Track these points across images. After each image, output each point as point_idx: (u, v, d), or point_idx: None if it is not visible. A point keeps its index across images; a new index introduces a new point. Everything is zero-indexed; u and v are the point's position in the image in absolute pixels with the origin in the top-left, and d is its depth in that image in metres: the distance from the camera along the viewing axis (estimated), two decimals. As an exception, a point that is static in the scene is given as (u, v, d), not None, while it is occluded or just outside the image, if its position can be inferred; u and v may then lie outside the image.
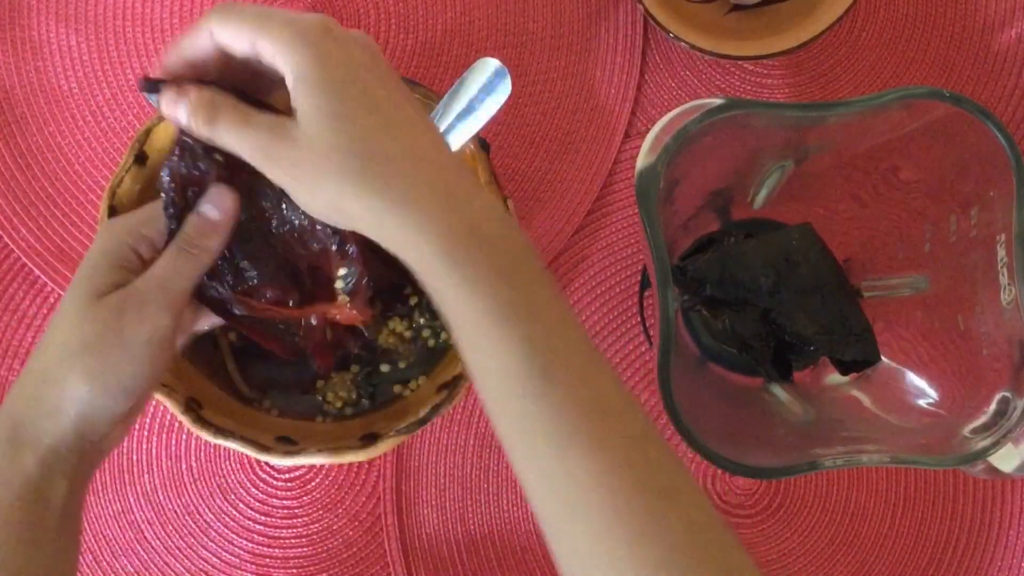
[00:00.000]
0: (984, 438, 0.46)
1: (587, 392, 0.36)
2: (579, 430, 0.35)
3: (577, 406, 0.35)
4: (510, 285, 0.36)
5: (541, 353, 0.35)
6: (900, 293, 0.55)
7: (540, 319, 0.36)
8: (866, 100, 0.46)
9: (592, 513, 0.35)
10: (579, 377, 0.36)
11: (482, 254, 0.36)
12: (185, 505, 0.59)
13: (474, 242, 0.36)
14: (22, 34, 0.60)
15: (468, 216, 0.36)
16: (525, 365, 0.35)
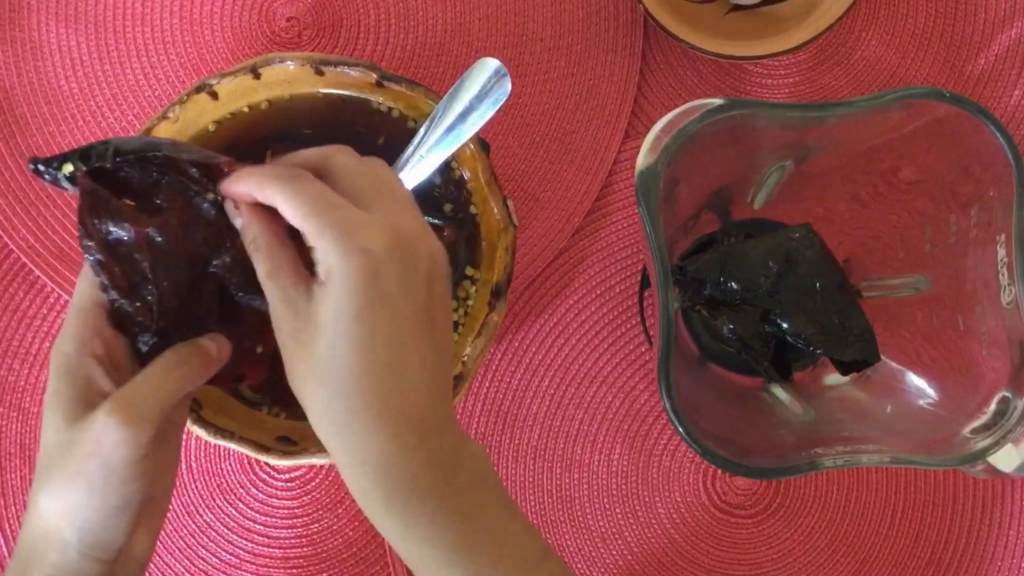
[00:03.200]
0: (984, 438, 0.46)
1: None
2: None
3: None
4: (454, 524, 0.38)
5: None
6: (900, 293, 0.55)
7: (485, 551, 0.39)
8: (866, 100, 0.46)
9: None
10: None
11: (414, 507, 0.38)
12: (185, 505, 0.59)
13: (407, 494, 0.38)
14: (22, 34, 0.60)
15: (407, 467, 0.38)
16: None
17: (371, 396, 0.37)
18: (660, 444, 0.60)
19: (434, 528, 0.38)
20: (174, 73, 0.61)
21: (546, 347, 0.60)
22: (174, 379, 0.40)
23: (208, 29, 0.61)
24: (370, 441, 0.37)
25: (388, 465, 0.37)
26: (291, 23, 0.61)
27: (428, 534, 0.38)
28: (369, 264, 0.36)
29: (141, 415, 0.38)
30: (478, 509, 0.39)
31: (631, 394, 0.60)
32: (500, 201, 0.54)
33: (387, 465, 0.37)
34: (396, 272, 0.37)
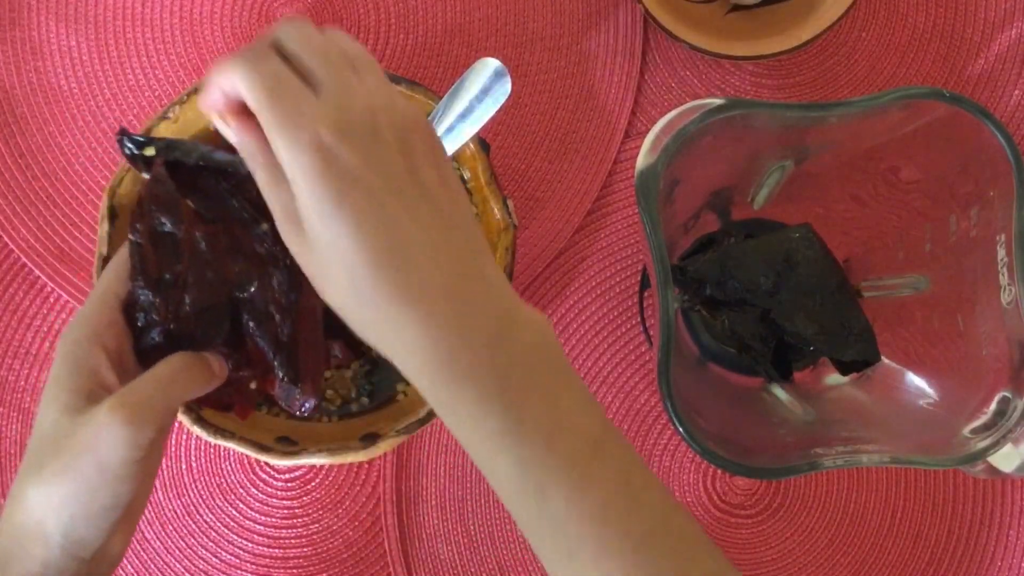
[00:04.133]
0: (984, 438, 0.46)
1: (587, 502, 0.36)
2: (583, 538, 0.36)
3: (577, 517, 0.36)
4: (498, 409, 0.35)
5: (534, 474, 0.35)
6: (900, 293, 0.55)
7: (530, 439, 0.36)
8: (866, 100, 0.46)
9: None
10: (578, 487, 0.36)
11: (464, 385, 0.35)
12: (185, 505, 0.59)
13: (456, 374, 0.35)
14: (22, 34, 0.60)
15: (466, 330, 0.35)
16: (520, 486, 0.36)
17: (383, 285, 0.35)
18: (660, 444, 0.60)
19: (479, 413, 0.35)
20: (174, 73, 0.61)
21: (546, 347, 0.60)
22: (179, 384, 0.39)
23: (208, 29, 0.61)
24: (400, 331, 0.35)
25: (423, 351, 0.35)
26: (291, 23, 0.61)
27: (474, 420, 0.36)
28: (321, 156, 0.34)
29: (144, 416, 0.37)
30: (524, 393, 0.36)
31: (631, 394, 0.60)
32: (500, 201, 0.54)
33: (423, 351, 0.35)
34: (355, 152, 0.34)
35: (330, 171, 0.34)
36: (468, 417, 0.36)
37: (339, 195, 0.34)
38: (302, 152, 0.34)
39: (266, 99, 0.35)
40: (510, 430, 0.35)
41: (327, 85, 0.36)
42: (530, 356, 0.36)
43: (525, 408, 0.36)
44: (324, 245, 0.35)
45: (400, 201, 0.35)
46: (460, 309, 0.35)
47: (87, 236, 0.59)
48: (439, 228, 0.36)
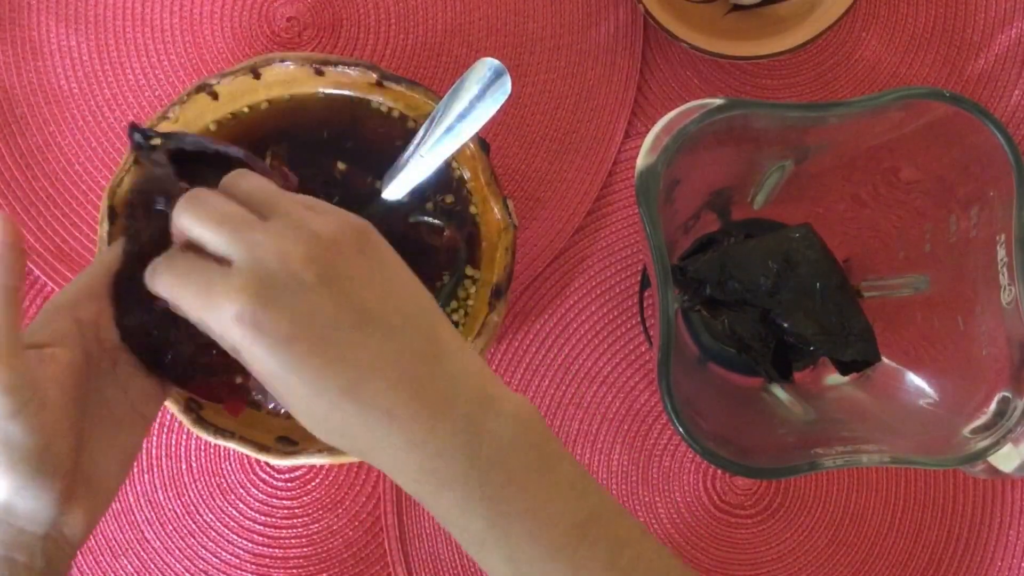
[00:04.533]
0: (984, 438, 0.45)
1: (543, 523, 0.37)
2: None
3: (531, 539, 0.37)
4: (481, 512, 0.36)
5: (523, 568, 0.37)
6: (900, 293, 0.55)
7: (516, 536, 0.37)
8: (866, 100, 0.46)
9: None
10: (532, 513, 0.37)
11: (448, 489, 0.36)
12: (185, 505, 0.59)
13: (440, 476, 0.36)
14: (22, 34, 0.60)
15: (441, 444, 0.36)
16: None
17: (350, 425, 0.36)
18: (660, 444, 0.60)
19: (464, 517, 0.37)
20: (174, 73, 0.61)
21: (546, 347, 0.60)
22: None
23: (208, 29, 0.61)
24: (380, 454, 0.36)
25: (404, 469, 0.36)
26: (291, 23, 0.61)
27: (459, 523, 0.37)
28: (248, 328, 0.34)
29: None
30: (506, 491, 0.36)
31: (631, 394, 0.60)
32: (500, 201, 0.54)
33: (403, 470, 0.36)
34: (278, 313, 0.34)
35: (262, 340, 0.34)
36: (454, 520, 0.37)
37: (282, 356, 0.34)
38: (229, 327, 0.35)
39: (177, 285, 0.36)
40: (495, 529, 0.37)
41: (233, 253, 0.35)
42: (509, 451, 0.37)
43: (508, 505, 0.36)
44: (286, 398, 0.36)
45: (340, 338, 0.35)
46: (430, 425, 0.36)
47: (87, 236, 0.59)
48: (389, 343, 0.36)
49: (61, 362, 0.38)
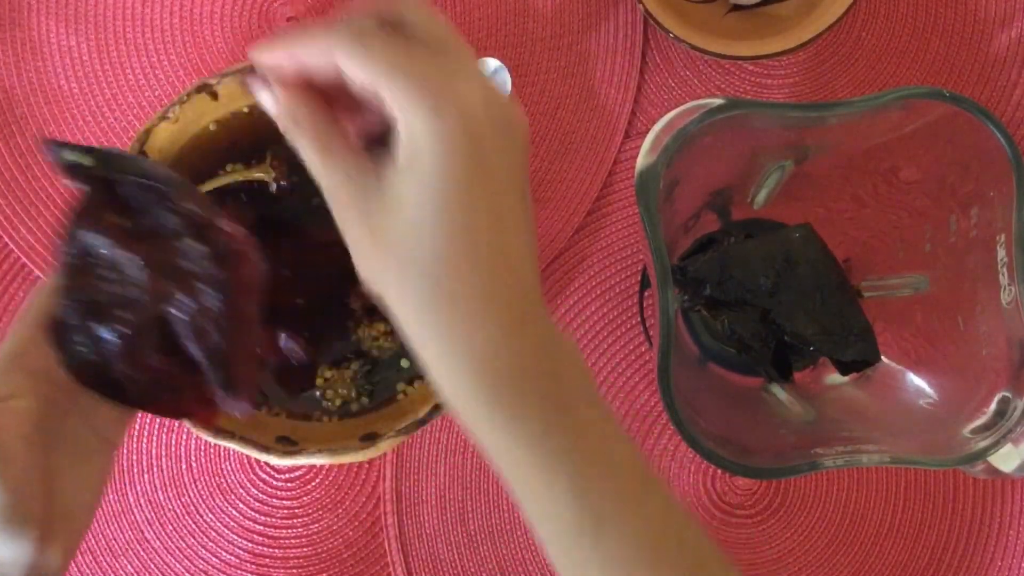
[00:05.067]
0: (984, 438, 0.46)
1: (641, 528, 0.35)
2: (637, 566, 0.35)
3: (632, 544, 0.35)
4: (554, 430, 0.34)
5: (593, 503, 0.34)
6: (900, 293, 0.55)
7: (588, 464, 0.34)
8: (866, 100, 0.46)
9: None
10: (632, 514, 0.35)
11: (523, 399, 0.34)
12: (185, 505, 0.59)
13: (515, 385, 0.34)
14: (22, 34, 0.60)
15: (516, 352, 0.34)
16: (576, 514, 0.34)
17: (475, 280, 0.33)
18: (660, 444, 0.60)
19: (539, 430, 0.34)
20: (174, 73, 0.61)
21: (546, 347, 0.60)
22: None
23: (208, 29, 0.61)
24: (475, 328, 0.33)
25: (495, 354, 0.33)
26: (291, 23, 0.61)
27: (532, 437, 0.34)
28: (469, 128, 0.31)
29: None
30: (583, 416, 0.35)
31: (631, 394, 0.60)
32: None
33: (494, 354, 0.33)
34: (496, 140, 0.32)
35: (474, 153, 0.32)
36: (525, 436, 0.34)
37: (472, 178, 0.32)
38: (449, 118, 0.31)
39: (394, 63, 0.32)
40: (573, 450, 0.34)
41: (462, 65, 0.33)
42: (581, 381, 0.36)
43: (585, 432, 0.35)
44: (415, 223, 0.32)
45: (514, 206, 0.34)
46: (529, 321, 0.34)
47: (87, 236, 0.59)
48: (530, 247, 0.35)
49: (19, 413, 0.37)
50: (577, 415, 0.35)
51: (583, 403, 0.35)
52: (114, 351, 0.40)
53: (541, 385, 0.34)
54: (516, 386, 0.34)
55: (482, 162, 0.32)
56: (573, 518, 0.35)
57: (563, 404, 0.35)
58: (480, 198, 0.32)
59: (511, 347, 0.33)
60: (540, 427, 0.34)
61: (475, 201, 0.32)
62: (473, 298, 0.33)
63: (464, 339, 0.33)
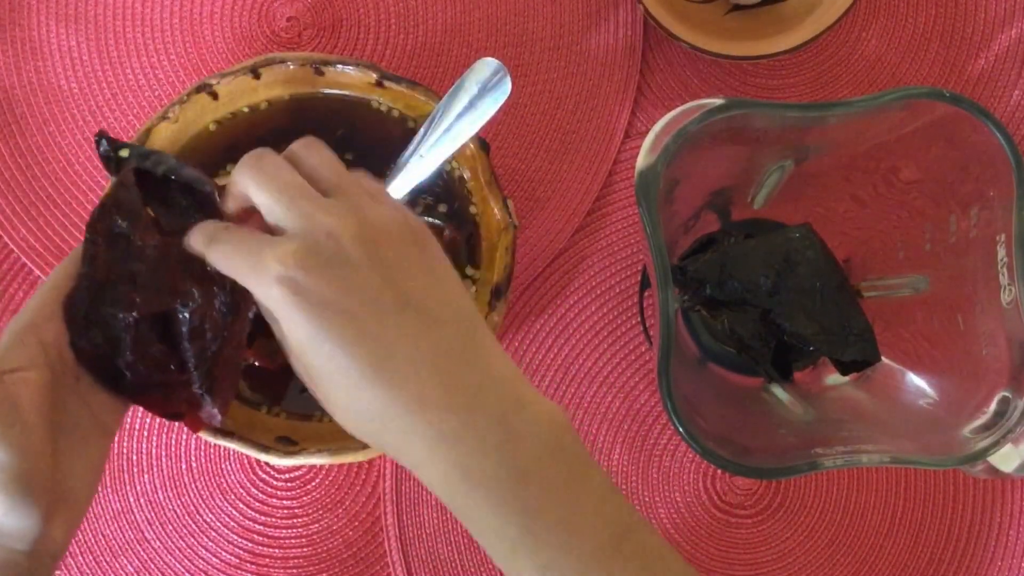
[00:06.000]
0: (984, 438, 0.45)
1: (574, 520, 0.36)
2: None
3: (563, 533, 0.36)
4: (516, 518, 0.36)
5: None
6: (900, 293, 0.55)
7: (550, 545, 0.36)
8: (866, 100, 0.46)
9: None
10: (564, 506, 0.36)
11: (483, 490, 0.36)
12: (185, 505, 0.59)
13: (475, 476, 0.35)
14: (22, 34, 0.60)
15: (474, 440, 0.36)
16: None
17: (380, 403, 0.35)
18: (660, 444, 0.60)
19: (497, 522, 0.36)
20: (174, 73, 0.61)
21: (546, 347, 0.60)
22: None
23: (208, 29, 0.61)
24: (409, 445, 0.36)
25: (435, 464, 0.36)
26: (291, 23, 0.61)
27: (493, 528, 0.36)
28: (289, 289, 0.35)
29: None
30: (542, 496, 0.36)
31: (631, 394, 0.60)
32: (500, 201, 0.54)
33: (434, 464, 0.36)
34: (323, 280, 0.35)
35: (301, 301, 0.35)
36: (486, 524, 0.36)
37: (316, 322, 0.35)
38: (270, 287, 0.35)
39: (230, 250, 0.37)
40: (529, 536, 0.35)
41: (287, 222, 0.37)
42: (544, 458, 0.36)
43: (543, 515, 0.36)
44: (317, 372, 0.36)
45: (379, 317, 0.35)
46: (464, 418, 0.35)
47: (87, 236, 0.59)
48: (427, 332, 0.36)
49: (35, 384, 0.38)
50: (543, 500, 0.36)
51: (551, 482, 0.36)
52: (120, 335, 0.40)
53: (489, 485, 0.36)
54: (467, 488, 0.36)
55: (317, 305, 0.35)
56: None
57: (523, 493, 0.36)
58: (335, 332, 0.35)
59: (452, 455, 0.35)
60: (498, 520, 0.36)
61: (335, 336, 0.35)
62: (397, 422, 0.36)
63: (411, 455, 0.36)
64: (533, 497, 0.36)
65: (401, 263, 0.37)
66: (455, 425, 0.35)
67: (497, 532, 0.36)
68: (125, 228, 0.41)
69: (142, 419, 0.59)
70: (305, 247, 0.36)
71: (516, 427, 0.36)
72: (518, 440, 0.36)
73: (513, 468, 0.35)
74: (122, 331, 0.40)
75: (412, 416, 0.35)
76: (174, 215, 0.42)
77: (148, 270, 0.41)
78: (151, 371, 0.41)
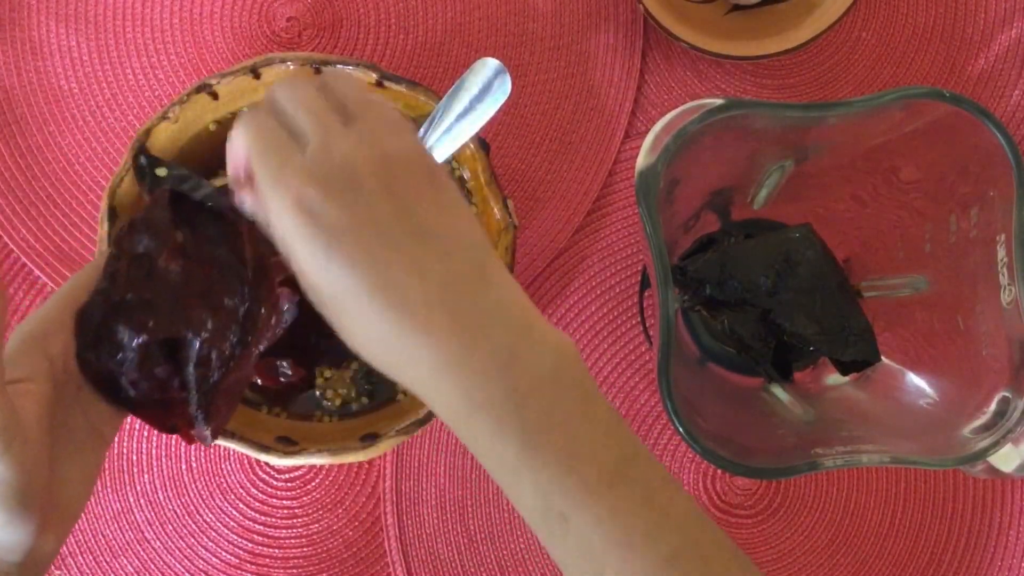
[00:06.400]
0: (984, 438, 0.46)
1: (610, 528, 0.36)
2: (608, 564, 0.36)
3: (601, 543, 0.36)
4: (515, 440, 0.35)
5: (555, 501, 0.36)
6: (900, 293, 0.55)
7: (549, 468, 0.36)
8: (866, 100, 0.46)
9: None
10: (599, 514, 0.36)
11: (484, 412, 0.35)
12: (185, 505, 0.59)
13: (477, 398, 0.35)
14: (22, 34, 0.60)
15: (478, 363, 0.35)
16: (543, 513, 0.36)
17: (389, 328, 0.35)
18: (660, 444, 0.60)
19: (498, 444, 0.36)
20: (174, 73, 0.61)
21: (546, 347, 0.60)
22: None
23: (208, 29, 0.61)
24: (416, 369, 0.36)
25: (439, 387, 0.36)
26: (291, 23, 0.61)
27: (494, 451, 0.36)
28: (303, 213, 0.35)
29: None
30: (542, 421, 0.36)
31: (631, 394, 0.60)
32: (500, 201, 0.54)
33: (438, 387, 0.36)
34: (336, 205, 0.35)
35: (314, 227, 0.35)
36: (489, 448, 0.36)
37: (326, 249, 0.35)
38: (286, 211, 0.35)
39: (256, 159, 0.37)
40: (529, 459, 0.35)
41: (311, 140, 0.37)
42: (547, 381, 0.36)
43: (543, 436, 0.36)
44: (328, 298, 0.36)
45: (390, 245, 0.36)
46: (468, 342, 0.35)
47: (87, 236, 0.59)
48: (436, 261, 0.36)
49: (38, 397, 0.38)
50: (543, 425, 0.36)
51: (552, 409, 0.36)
52: (128, 354, 0.40)
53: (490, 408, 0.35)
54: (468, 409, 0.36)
55: (329, 231, 0.35)
56: (542, 516, 0.36)
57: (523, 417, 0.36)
58: (345, 260, 0.35)
59: (454, 377, 0.35)
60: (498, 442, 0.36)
61: (345, 264, 0.35)
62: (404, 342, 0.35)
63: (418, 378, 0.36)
64: (535, 419, 0.36)
65: (414, 195, 0.37)
66: (459, 350, 0.35)
67: (497, 454, 0.36)
68: (152, 248, 0.40)
69: (142, 419, 0.59)
70: (324, 171, 0.36)
71: (522, 354, 0.36)
72: (523, 365, 0.36)
73: (513, 391, 0.35)
74: (131, 350, 0.40)
75: (418, 340, 0.35)
76: (200, 242, 0.42)
77: (167, 295, 0.40)
78: (153, 389, 0.41)
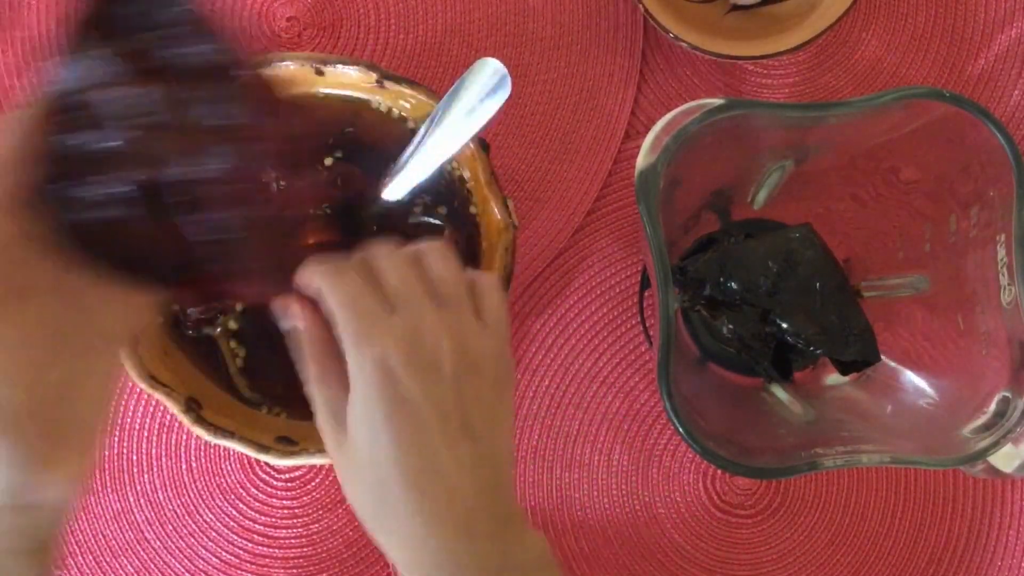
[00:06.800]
0: (984, 438, 0.46)
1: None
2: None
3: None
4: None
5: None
6: (900, 293, 0.55)
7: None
8: (866, 100, 0.46)
9: None
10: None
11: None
12: (185, 505, 0.59)
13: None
14: (22, 34, 0.60)
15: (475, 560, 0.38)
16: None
17: (408, 502, 0.38)
18: (660, 444, 0.60)
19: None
20: (174, 73, 0.61)
21: (546, 347, 0.60)
22: None
23: (208, 29, 0.61)
24: (414, 547, 0.38)
25: (438, 568, 0.38)
26: (291, 23, 0.61)
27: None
28: (384, 373, 0.37)
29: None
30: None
31: (631, 394, 0.60)
32: (500, 201, 0.54)
33: (438, 568, 0.38)
34: (413, 380, 0.38)
35: (389, 389, 0.37)
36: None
37: (391, 411, 0.37)
38: (369, 364, 0.38)
39: (347, 307, 0.38)
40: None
41: (403, 311, 0.39)
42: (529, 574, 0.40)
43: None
44: (360, 448, 0.38)
45: (443, 434, 0.38)
46: (476, 539, 0.38)
47: (87, 236, 0.59)
48: (471, 465, 0.39)
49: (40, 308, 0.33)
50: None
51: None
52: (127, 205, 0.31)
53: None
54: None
55: (400, 400, 0.37)
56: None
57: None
58: (403, 432, 0.38)
59: (453, 567, 0.38)
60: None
61: (399, 435, 0.37)
62: (416, 520, 0.38)
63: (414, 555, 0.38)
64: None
65: (477, 396, 0.40)
66: (465, 547, 0.38)
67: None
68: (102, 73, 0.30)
69: (142, 419, 0.59)
70: (413, 345, 0.38)
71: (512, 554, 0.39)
72: (510, 564, 0.39)
73: None
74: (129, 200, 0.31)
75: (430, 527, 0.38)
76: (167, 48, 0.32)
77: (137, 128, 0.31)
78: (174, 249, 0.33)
